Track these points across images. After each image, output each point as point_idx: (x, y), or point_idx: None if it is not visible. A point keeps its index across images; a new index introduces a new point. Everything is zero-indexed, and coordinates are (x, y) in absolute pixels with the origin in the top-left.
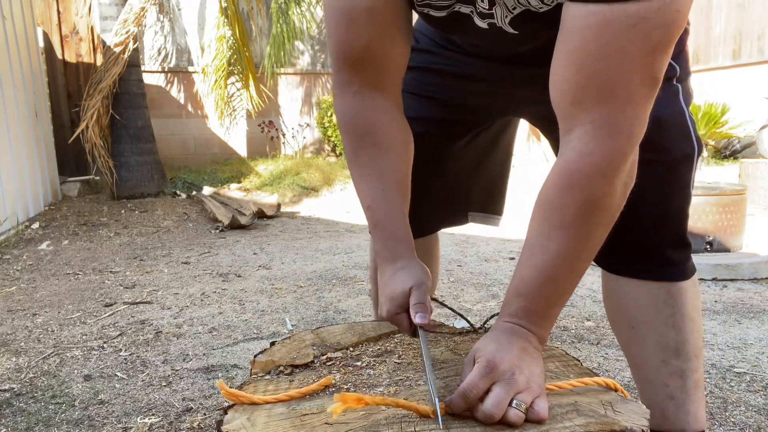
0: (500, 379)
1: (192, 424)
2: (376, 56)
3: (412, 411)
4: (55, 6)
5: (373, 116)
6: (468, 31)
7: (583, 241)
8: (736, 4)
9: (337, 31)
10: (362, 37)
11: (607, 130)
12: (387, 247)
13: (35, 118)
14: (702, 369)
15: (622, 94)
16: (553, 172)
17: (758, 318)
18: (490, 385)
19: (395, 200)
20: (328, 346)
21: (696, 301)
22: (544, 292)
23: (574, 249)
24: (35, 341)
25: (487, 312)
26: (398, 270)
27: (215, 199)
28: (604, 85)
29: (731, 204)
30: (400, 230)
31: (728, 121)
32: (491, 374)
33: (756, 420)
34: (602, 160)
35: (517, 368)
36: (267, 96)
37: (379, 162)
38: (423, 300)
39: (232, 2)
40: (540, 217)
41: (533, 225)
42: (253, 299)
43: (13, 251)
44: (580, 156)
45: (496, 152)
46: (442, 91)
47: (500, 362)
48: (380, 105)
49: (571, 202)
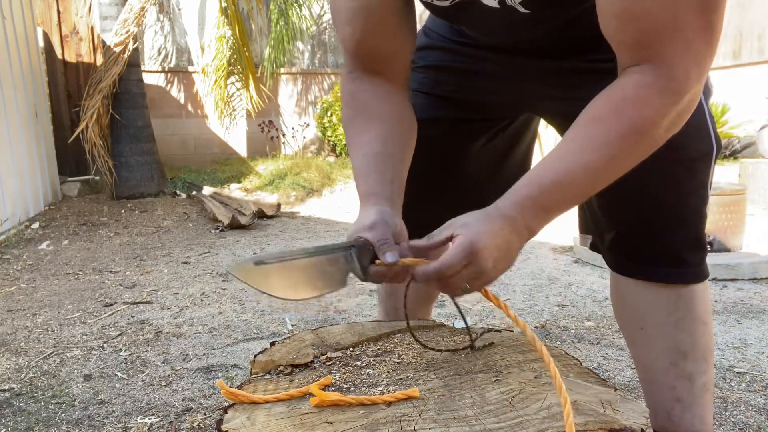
0: (473, 264)
1: (192, 423)
2: (375, 48)
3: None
4: (55, 6)
5: (366, 96)
6: (475, 19)
7: (615, 161)
8: (736, 4)
9: (340, 26)
10: (360, 32)
11: (665, 70)
12: (360, 203)
13: (35, 118)
14: (711, 372)
15: (684, 38)
16: (605, 93)
17: (758, 318)
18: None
19: (376, 164)
20: (328, 346)
21: (707, 304)
22: (558, 191)
23: (605, 165)
24: (35, 341)
25: (487, 312)
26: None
27: (215, 199)
28: (665, 32)
29: (731, 204)
30: (375, 186)
31: (728, 121)
32: (469, 257)
33: (756, 420)
34: (656, 98)
35: (491, 257)
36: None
37: (367, 134)
38: (387, 237)
39: (232, 2)
40: (581, 129)
41: (570, 134)
42: (253, 299)
43: (13, 251)
44: (636, 87)
45: (515, 153)
46: (455, 90)
47: (482, 249)
48: (377, 87)
49: (617, 123)
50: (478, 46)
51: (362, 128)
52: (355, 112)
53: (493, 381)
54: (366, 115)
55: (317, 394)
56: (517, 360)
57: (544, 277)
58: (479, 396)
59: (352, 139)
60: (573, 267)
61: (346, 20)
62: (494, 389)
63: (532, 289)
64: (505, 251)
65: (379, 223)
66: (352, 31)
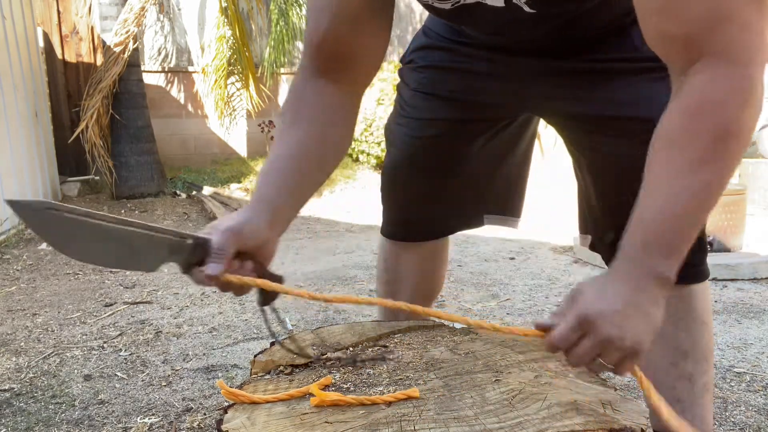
0: (590, 333)
1: (192, 423)
2: (340, 47)
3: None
4: (55, 6)
5: (309, 96)
6: (478, 19)
7: (716, 175)
8: None
9: (310, 19)
10: (323, 27)
11: (729, 60)
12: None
13: (35, 118)
14: (711, 372)
15: (737, 22)
16: (673, 108)
17: (758, 318)
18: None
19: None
20: (328, 346)
21: (707, 304)
22: (669, 226)
23: (707, 183)
24: (35, 341)
25: (487, 312)
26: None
27: (215, 199)
28: (715, 18)
29: (731, 204)
30: (272, 195)
31: None
32: (582, 327)
33: (756, 420)
34: (731, 84)
35: (613, 324)
36: (267, 96)
37: (289, 136)
38: (226, 248)
39: (232, 2)
40: (665, 153)
41: (655, 163)
42: (253, 299)
43: (13, 251)
44: (707, 84)
45: (515, 152)
46: (456, 90)
47: (595, 317)
48: (323, 89)
49: (704, 130)
50: (477, 45)
51: (288, 128)
52: (289, 108)
53: (493, 381)
54: (298, 115)
55: (317, 394)
56: (517, 360)
57: (544, 277)
58: (479, 396)
59: (276, 136)
60: (573, 267)
61: (316, 11)
62: (494, 389)
63: (532, 289)
64: (633, 312)
65: (233, 230)
66: (319, 25)
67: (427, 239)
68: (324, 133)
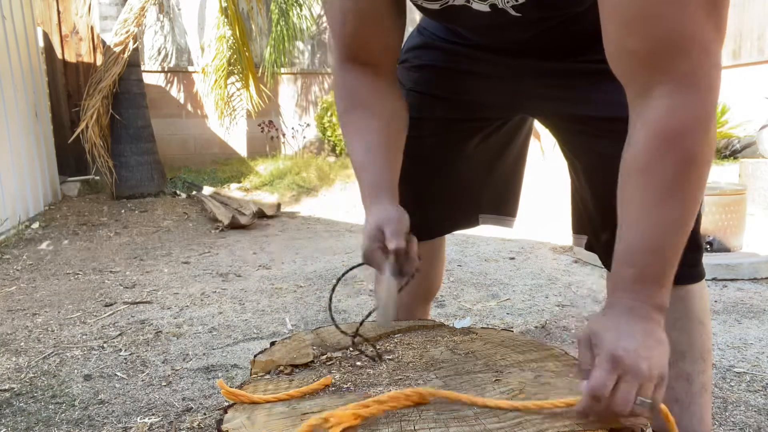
0: (626, 373)
1: (192, 423)
2: (365, 45)
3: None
4: (55, 6)
5: (364, 90)
6: (465, 21)
7: (687, 202)
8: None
9: (332, 25)
10: (351, 30)
11: (691, 86)
12: (369, 194)
13: (35, 118)
14: (710, 372)
15: (699, 43)
16: (639, 134)
17: (758, 318)
18: (617, 379)
19: (377, 154)
20: (328, 346)
21: (704, 303)
22: (656, 258)
23: (680, 210)
24: (35, 341)
25: (487, 312)
26: (375, 210)
27: (215, 199)
28: (679, 38)
29: (731, 204)
30: (381, 178)
31: (728, 121)
32: (617, 369)
33: (756, 420)
34: (694, 112)
35: (641, 358)
36: (267, 96)
37: (367, 127)
38: (397, 233)
39: (232, 2)
40: (636, 182)
41: (628, 192)
42: (253, 299)
43: (13, 251)
44: (670, 111)
45: (509, 152)
46: (450, 89)
47: (624, 355)
48: (372, 81)
49: (670, 160)
50: (471, 46)
51: (362, 120)
52: (352, 105)
53: (493, 381)
54: (363, 108)
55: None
56: (517, 360)
57: (544, 277)
58: (479, 396)
59: (351, 130)
60: (573, 267)
61: (340, 19)
62: (494, 389)
63: (532, 289)
64: (652, 342)
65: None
66: (346, 30)
67: (422, 239)
68: (389, 120)
